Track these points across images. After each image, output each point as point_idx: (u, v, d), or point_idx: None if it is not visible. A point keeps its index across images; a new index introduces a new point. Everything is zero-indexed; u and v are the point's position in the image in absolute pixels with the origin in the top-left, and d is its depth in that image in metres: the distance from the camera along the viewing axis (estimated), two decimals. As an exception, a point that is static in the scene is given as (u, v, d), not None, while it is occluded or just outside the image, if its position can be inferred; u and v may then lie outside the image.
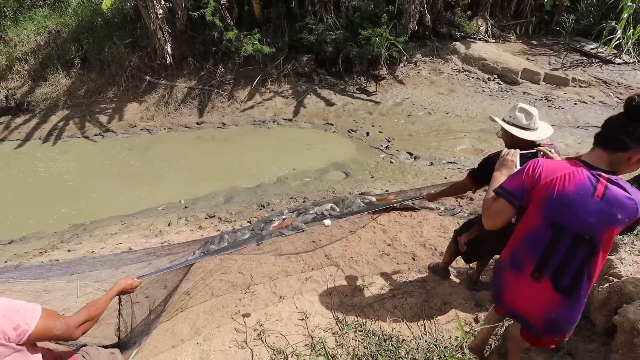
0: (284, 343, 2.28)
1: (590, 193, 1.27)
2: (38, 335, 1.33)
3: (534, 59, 9.04)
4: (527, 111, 1.97)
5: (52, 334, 1.36)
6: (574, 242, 1.31)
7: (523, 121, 1.95)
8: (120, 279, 1.83)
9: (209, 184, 5.60)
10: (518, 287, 1.45)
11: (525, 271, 1.42)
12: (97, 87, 7.90)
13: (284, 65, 8.42)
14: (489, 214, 1.48)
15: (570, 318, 1.40)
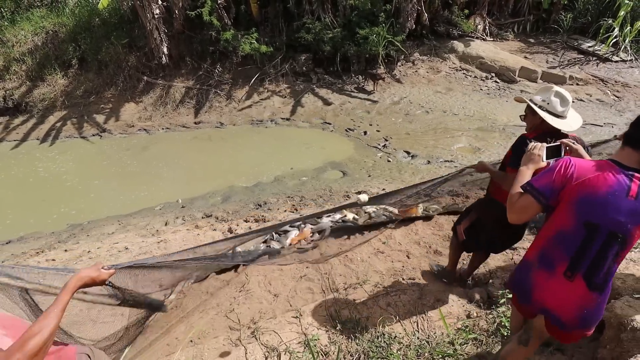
0: (278, 341, 2.29)
1: (624, 193, 1.29)
2: None
3: (532, 57, 9.04)
4: (562, 96, 1.84)
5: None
6: (607, 240, 1.33)
7: (558, 107, 1.83)
8: (81, 270, 1.37)
9: (207, 183, 5.61)
10: (549, 285, 1.45)
11: (557, 270, 1.42)
12: (94, 88, 7.90)
13: (282, 64, 8.43)
14: (514, 210, 1.48)
15: (599, 313, 1.42)
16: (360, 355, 2.06)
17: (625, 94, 7.47)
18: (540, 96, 1.88)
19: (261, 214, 4.37)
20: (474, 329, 2.18)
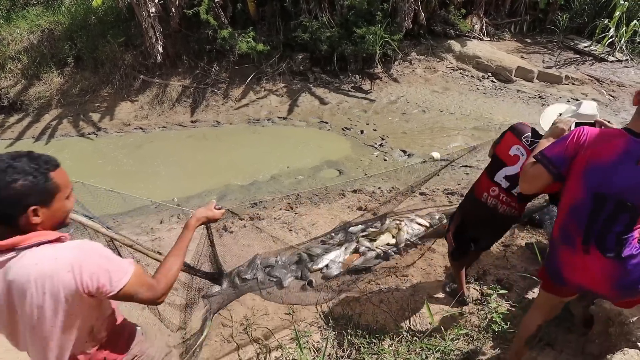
0: (270, 337, 2.29)
1: (634, 160, 1.25)
2: (117, 298, 1.13)
3: (528, 57, 9.07)
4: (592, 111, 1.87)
5: (132, 299, 1.15)
6: (615, 209, 1.29)
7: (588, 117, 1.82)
8: (198, 209, 1.50)
9: (203, 182, 5.61)
10: (575, 261, 1.41)
11: (577, 244, 1.38)
12: (90, 86, 7.88)
13: (279, 63, 8.42)
14: (525, 178, 1.47)
15: (631, 277, 1.35)
16: (352, 351, 2.07)
17: (620, 94, 7.50)
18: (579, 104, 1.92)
19: (256, 212, 4.37)
20: (465, 324, 2.19)
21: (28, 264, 1.02)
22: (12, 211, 1.02)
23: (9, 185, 0.98)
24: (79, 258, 1.06)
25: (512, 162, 1.93)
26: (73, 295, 1.05)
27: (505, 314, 2.20)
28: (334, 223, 3.74)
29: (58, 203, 1.10)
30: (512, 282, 2.47)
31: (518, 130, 2.00)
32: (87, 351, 1.21)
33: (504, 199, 1.97)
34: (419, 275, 2.79)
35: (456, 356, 1.93)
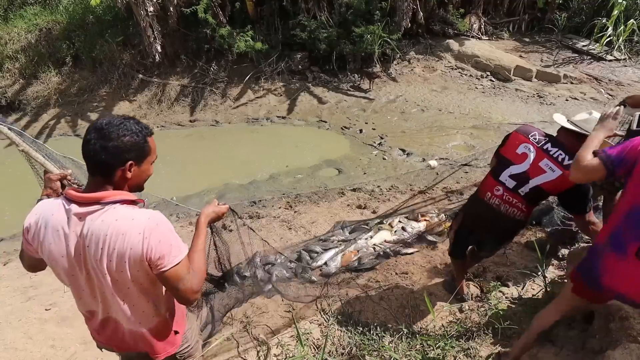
0: (270, 334, 2.29)
1: None
2: (163, 279, 1.17)
3: (527, 56, 9.09)
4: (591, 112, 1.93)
5: (177, 283, 1.17)
6: None
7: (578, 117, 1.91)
8: (204, 209, 1.52)
9: (202, 181, 5.59)
10: (619, 268, 1.39)
11: (628, 251, 1.35)
12: (88, 85, 7.85)
13: (278, 62, 8.41)
14: (581, 168, 1.48)
15: None
16: (352, 347, 2.06)
17: (618, 92, 7.52)
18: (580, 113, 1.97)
19: (256, 210, 4.36)
20: (465, 321, 2.19)
21: (109, 219, 1.13)
22: (115, 161, 1.15)
23: (120, 137, 1.14)
24: (151, 224, 1.14)
25: (520, 160, 1.90)
26: (136, 258, 1.13)
27: (505, 311, 2.20)
28: (334, 221, 3.74)
29: (146, 165, 1.25)
30: (511, 279, 2.47)
31: (524, 130, 2.00)
32: (153, 325, 1.31)
33: (507, 198, 1.93)
34: (418, 272, 2.79)
35: (456, 353, 1.92)
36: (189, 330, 1.52)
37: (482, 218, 2.05)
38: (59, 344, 2.47)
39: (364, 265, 2.85)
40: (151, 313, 1.30)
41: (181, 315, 1.46)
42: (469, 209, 2.23)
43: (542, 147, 1.87)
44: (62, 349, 2.42)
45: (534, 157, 1.86)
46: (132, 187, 1.25)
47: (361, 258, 2.91)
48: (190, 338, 1.53)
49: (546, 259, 2.52)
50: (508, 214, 1.95)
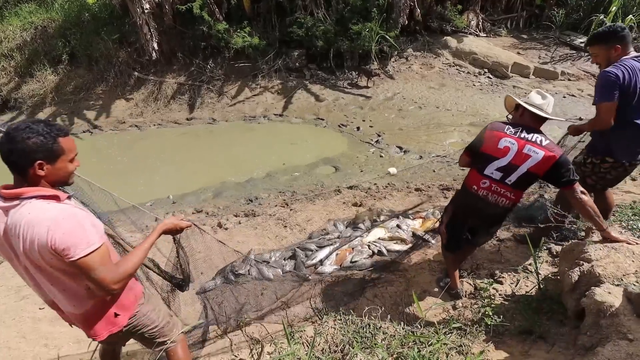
0: (263, 332, 2.29)
1: None
2: (75, 267, 1.26)
3: (524, 53, 9.06)
4: (542, 93, 2.08)
5: (90, 274, 1.27)
6: None
7: (537, 101, 2.04)
8: (166, 219, 1.67)
9: (199, 179, 5.58)
10: None
11: None
12: (85, 84, 7.82)
13: (275, 60, 8.38)
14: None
15: None
16: (345, 345, 2.06)
17: (616, 89, 7.53)
18: (528, 95, 2.12)
19: (252, 208, 4.36)
20: (459, 318, 2.19)
21: (24, 212, 1.25)
22: (24, 162, 1.26)
23: (25, 140, 1.25)
24: (59, 217, 1.25)
25: (503, 154, 2.00)
26: (43, 248, 1.23)
27: (498, 308, 2.20)
28: (329, 219, 3.73)
29: (62, 163, 1.34)
30: (505, 276, 2.47)
31: (497, 127, 2.08)
32: (89, 307, 1.42)
33: (495, 189, 2.07)
34: (413, 270, 2.79)
35: (449, 350, 1.92)
36: (152, 311, 1.63)
37: (473, 208, 2.15)
38: (51, 342, 2.47)
39: (358, 263, 2.85)
40: (84, 296, 1.39)
41: (129, 298, 1.54)
42: (459, 202, 2.28)
43: (521, 136, 1.99)
44: (55, 348, 2.42)
45: (517, 147, 1.98)
46: (53, 182, 1.35)
47: (355, 256, 2.91)
48: (157, 319, 1.64)
49: (539, 254, 2.52)
50: (497, 202, 2.09)
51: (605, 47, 2.26)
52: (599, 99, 2.20)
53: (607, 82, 2.16)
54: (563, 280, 1.94)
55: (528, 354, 1.85)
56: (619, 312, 1.52)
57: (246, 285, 2.71)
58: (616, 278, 1.72)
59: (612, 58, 2.24)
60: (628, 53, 2.23)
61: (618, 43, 2.22)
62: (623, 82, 2.13)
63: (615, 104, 2.15)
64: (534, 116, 2.03)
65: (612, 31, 2.24)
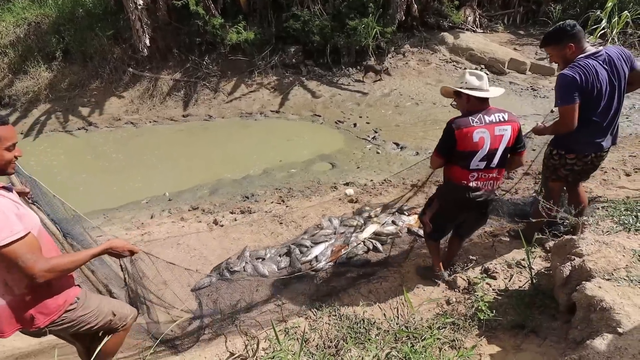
0: (258, 328, 2.29)
1: None
2: (2, 256, 1.30)
3: (521, 49, 9.06)
4: (476, 74, 2.11)
5: (14, 264, 1.32)
6: None
7: (475, 82, 2.09)
8: (114, 239, 1.67)
9: (195, 176, 5.57)
10: None
11: None
12: (79, 80, 7.76)
13: (271, 56, 8.35)
14: None
15: None
16: (339, 340, 2.07)
17: (611, 85, 7.54)
18: (458, 80, 2.15)
19: (248, 205, 4.35)
20: (452, 313, 2.20)
21: None
22: None
23: None
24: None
25: (481, 145, 2.06)
26: None
27: (492, 303, 2.21)
28: (325, 215, 3.74)
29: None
30: (499, 271, 2.49)
31: (463, 123, 2.08)
32: (3, 302, 1.42)
33: (484, 176, 2.15)
34: (407, 265, 2.80)
35: (442, 344, 1.94)
36: (87, 314, 1.64)
37: (469, 200, 2.19)
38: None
39: (353, 259, 2.86)
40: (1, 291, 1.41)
41: (57, 302, 1.54)
42: (450, 197, 2.30)
43: (487, 122, 2.06)
44: None
45: (489, 134, 2.05)
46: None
47: (350, 252, 2.92)
48: (94, 321, 1.66)
49: (532, 249, 2.54)
50: (491, 188, 2.20)
51: (559, 47, 2.25)
52: (560, 102, 2.21)
53: (566, 85, 2.17)
54: (555, 275, 1.95)
55: (520, 348, 1.86)
56: (609, 306, 1.53)
57: (241, 282, 2.71)
58: (607, 272, 1.73)
59: (567, 56, 2.24)
60: (583, 49, 2.22)
61: (571, 41, 2.20)
62: (581, 83, 2.14)
63: (576, 105, 2.16)
64: (480, 98, 2.08)
65: (562, 30, 2.22)
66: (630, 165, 4.20)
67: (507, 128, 2.08)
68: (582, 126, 2.22)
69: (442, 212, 2.34)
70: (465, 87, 2.09)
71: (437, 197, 2.39)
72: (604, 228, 2.09)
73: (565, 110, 2.20)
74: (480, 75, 2.10)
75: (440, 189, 2.40)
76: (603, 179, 3.98)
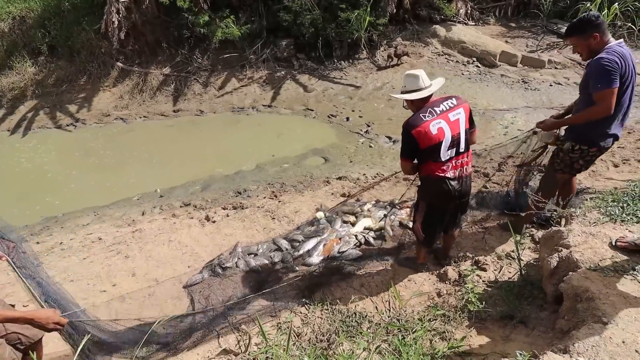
0: (251, 324, 2.30)
1: None
2: None
3: (512, 41, 9.07)
4: (410, 75, 2.21)
5: None
6: None
7: (415, 84, 2.17)
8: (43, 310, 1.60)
9: (187, 172, 5.52)
10: None
11: None
12: (67, 76, 7.60)
13: (263, 50, 8.25)
14: None
15: None
16: (331, 334, 2.08)
17: (601, 77, 7.60)
18: (402, 85, 2.26)
19: (240, 201, 4.34)
20: (443, 305, 2.23)
21: None
22: None
23: None
24: None
25: (442, 134, 2.12)
26: None
27: (481, 294, 2.24)
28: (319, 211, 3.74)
29: None
30: (489, 263, 2.52)
31: (416, 121, 2.14)
32: None
33: (458, 163, 2.22)
34: (399, 258, 2.81)
35: (432, 336, 1.96)
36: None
37: (452, 189, 2.22)
38: None
39: (345, 253, 2.86)
40: None
41: None
42: (433, 191, 2.31)
43: (437, 113, 2.12)
44: None
45: (445, 121, 2.12)
46: None
47: (343, 246, 2.92)
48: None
49: (522, 240, 2.57)
50: (467, 172, 2.27)
51: (583, 37, 2.28)
52: (601, 86, 2.18)
53: (607, 68, 2.16)
54: (543, 266, 1.98)
55: (509, 338, 1.89)
56: (595, 296, 1.56)
57: (233, 278, 2.71)
58: (593, 263, 1.76)
59: (592, 46, 2.27)
60: (607, 40, 2.26)
61: (596, 31, 2.23)
62: (620, 68, 2.16)
63: (616, 89, 2.17)
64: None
65: (587, 20, 2.26)
66: (619, 156, 4.27)
67: (460, 111, 2.17)
68: (606, 117, 2.23)
69: (430, 211, 2.36)
70: (405, 92, 2.21)
71: (421, 198, 2.41)
72: (591, 219, 2.12)
73: (605, 94, 2.18)
74: (415, 75, 2.17)
75: (421, 189, 2.41)
76: (592, 170, 4.03)
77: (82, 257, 3.21)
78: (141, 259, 3.09)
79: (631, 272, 1.65)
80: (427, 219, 2.37)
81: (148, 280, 2.84)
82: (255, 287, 2.63)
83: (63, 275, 2.94)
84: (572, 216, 2.17)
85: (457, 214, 2.48)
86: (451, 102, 2.18)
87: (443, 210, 2.35)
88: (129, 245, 3.33)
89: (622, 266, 1.70)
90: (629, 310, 1.47)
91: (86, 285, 2.81)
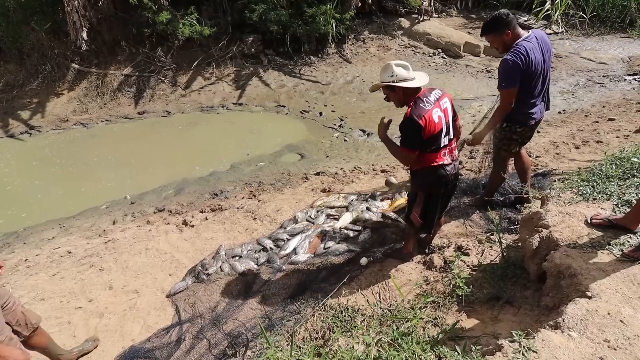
0: (242, 327, 2.24)
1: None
2: None
3: (474, 32, 9.38)
4: (402, 64, 2.17)
5: None
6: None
7: (404, 74, 2.15)
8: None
9: (158, 176, 5.29)
10: None
11: None
12: (17, 80, 7.06)
13: (229, 46, 8.03)
14: None
15: None
16: (325, 331, 2.07)
17: (557, 64, 8.01)
18: (386, 74, 2.18)
19: (217, 203, 4.21)
20: (432, 292, 2.27)
21: None
22: None
23: None
24: None
25: (441, 124, 2.17)
26: None
27: (468, 278, 2.30)
28: (299, 207, 3.70)
29: None
30: (471, 247, 2.59)
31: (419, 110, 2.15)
32: None
33: (449, 149, 2.28)
34: (384, 249, 2.84)
35: (425, 324, 1.99)
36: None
37: (449, 175, 2.29)
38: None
39: (331, 249, 2.85)
40: None
41: None
42: (431, 180, 2.31)
43: (433, 101, 2.17)
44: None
45: (440, 110, 2.17)
46: None
47: (328, 242, 2.91)
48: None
49: (500, 223, 2.66)
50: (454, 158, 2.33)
51: (497, 34, 2.49)
52: (505, 86, 2.46)
53: (509, 70, 2.42)
54: (524, 247, 2.06)
55: (498, 318, 1.96)
56: (577, 272, 1.64)
57: (219, 283, 2.62)
58: (572, 241, 1.85)
59: (506, 42, 2.49)
60: (519, 34, 2.48)
61: (507, 28, 2.44)
62: (522, 67, 2.39)
63: (516, 89, 2.44)
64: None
65: (499, 19, 2.46)
66: (579, 138, 4.53)
67: (446, 100, 2.24)
68: (524, 102, 2.51)
69: (431, 200, 2.36)
70: (397, 80, 2.15)
71: (419, 189, 2.38)
72: (565, 199, 2.23)
73: (506, 92, 2.47)
74: (405, 65, 2.17)
75: (419, 181, 2.38)
76: (556, 152, 4.26)
77: (52, 273, 2.99)
78: (117, 270, 2.93)
79: (607, 247, 1.76)
80: (428, 207, 2.37)
81: (127, 292, 2.70)
82: (242, 290, 2.57)
83: (32, 295, 2.72)
84: (548, 197, 2.28)
85: (449, 198, 2.54)
86: (438, 92, 2.23)
87: (440, 197, 2.38)
88: (103, 257, 3.14)
89: (598, 242, 1.80)
90: (609, 283, 1.56)
91: (59, 303, 2.62)
